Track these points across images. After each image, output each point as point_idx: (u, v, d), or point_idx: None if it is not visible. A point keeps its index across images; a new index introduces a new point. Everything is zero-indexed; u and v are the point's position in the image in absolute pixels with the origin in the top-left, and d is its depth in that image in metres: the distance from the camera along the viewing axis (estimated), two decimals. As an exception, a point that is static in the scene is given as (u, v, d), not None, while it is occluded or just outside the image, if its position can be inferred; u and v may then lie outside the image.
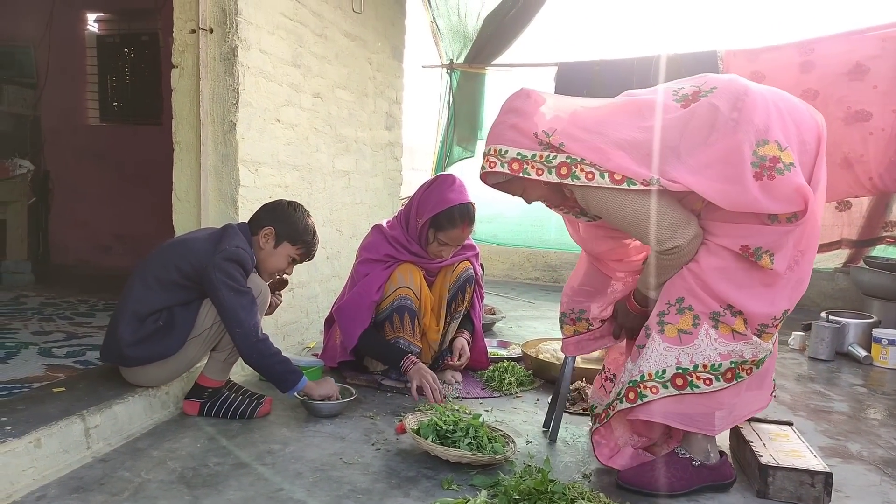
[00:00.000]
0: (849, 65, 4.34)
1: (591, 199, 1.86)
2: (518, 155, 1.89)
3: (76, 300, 3.88)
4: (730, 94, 1.79)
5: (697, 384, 1.83)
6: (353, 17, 3.71)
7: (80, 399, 2.11)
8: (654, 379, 1.85)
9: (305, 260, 2.46)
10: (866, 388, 3.03)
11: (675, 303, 1.86)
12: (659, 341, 1.86)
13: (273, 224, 2.34)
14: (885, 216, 4.59)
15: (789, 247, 1.80)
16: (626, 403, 1.89)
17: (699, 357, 1.83)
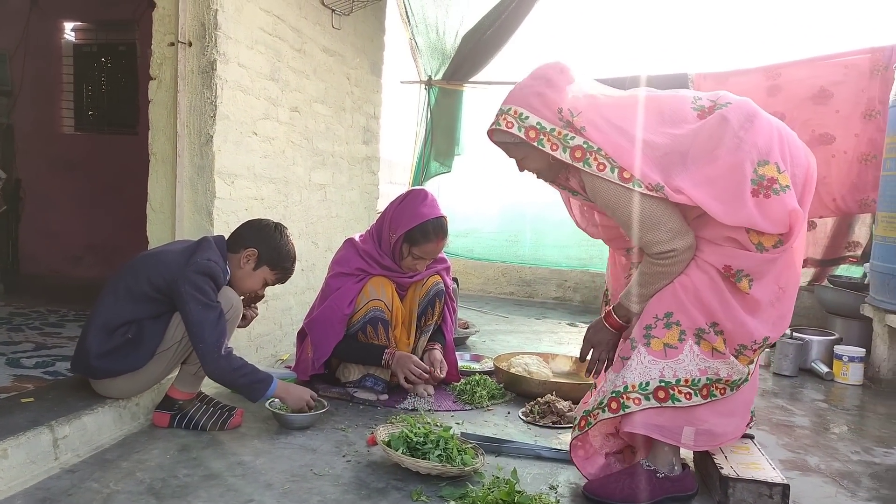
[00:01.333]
0: (813, 89, 4.49)
1: (597, 189, 1.90)
2: (538, 124, 1.92)
3: (46, 310, 3.83)
4: (741, 112, 1.88)
5: (679, 398, 1.88)
6: (332, 32, 3.76)
7: (48, 410, 2.10)
8: (637, 390, 1.90)
9: (278, 284, 2.48)
10: (827, 404, 3.12)
11: (664, 317, 1.91)
12: (644, 354, 1.91)
13: (257, 246, 2.34)
14: (848, 236, 4.73)
15: (770, 278, 1.88)
16: (609, 413, 1.94)
17: (682, 371, 1.89)
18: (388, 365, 2.68)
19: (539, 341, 4.14)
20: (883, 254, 3.45)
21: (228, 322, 2.26)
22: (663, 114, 1.92)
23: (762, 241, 1.83)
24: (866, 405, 3.14)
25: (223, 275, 2.27)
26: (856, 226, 4.69)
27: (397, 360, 2.68)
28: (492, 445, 2.27)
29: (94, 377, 2.22)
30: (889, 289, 3.37)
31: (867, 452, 2.47)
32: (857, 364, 3.45)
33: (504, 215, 6.01)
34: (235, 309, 2.32)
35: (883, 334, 3.42)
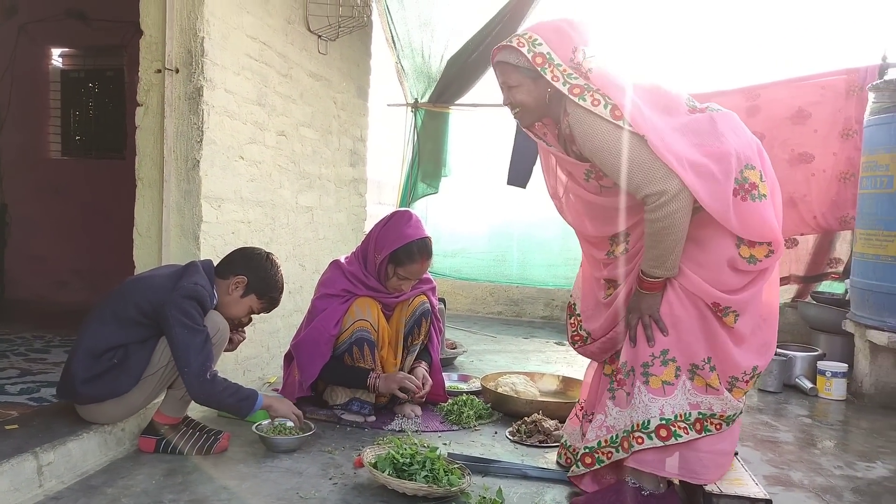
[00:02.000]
0: (791, 109, 4.59)
1: (587, 128, 1.88)
2: (547, 54, 1.94)
3: (31, 336, 3.81)
4: (729, 120, 1.95)
5: (679, 434, 1.90)
6: (319, 58, 3.81)
7: (33, 436, 2.09)
8: (640, 430, 1.92)
9: (263, 312, 2.49)
10: (811, 419, 3.15)
11: (660, 354, 1.92)
12: (644, 392, 1.93)
13: (247, 274, 2.36)
14: (829, 253, 4.81)
15: (753, 311, 1.94)
16: (622, 453, 1.97)
17: (677, 408, 1.91)
18: (374, 388, 2.69)
19: (527, 360, 4.16)
20: (862, 270, 3.51)
21: (215, 346, 2.27)
22: (660, 101, 1.95)
23: (754, 254, 1.89)
24: (849, 420, 3.17)
25: (210, 299, 2.28)
26: (837, 242, 4.77)
27: (383, 381, 2.70)
28: (478, 465, 2.28)
29: (80, 402, 2.22)
30: (869, 304, 3.42)
31: (850, 467, 2.50)
32: (839, 379, 3.50)
33: (491, 235, 6.05)
34: (222, 333, 2.33)
35: (864, 349, 3.47)
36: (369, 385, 2.70)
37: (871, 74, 4.30)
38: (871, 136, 3.51)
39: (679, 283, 1.93)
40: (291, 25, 3.46)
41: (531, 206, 5.60)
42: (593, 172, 2.01)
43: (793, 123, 4.59)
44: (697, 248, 1.92)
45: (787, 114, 4.59)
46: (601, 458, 2.03)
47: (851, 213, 4.29)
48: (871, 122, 3.53)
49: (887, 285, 3.29)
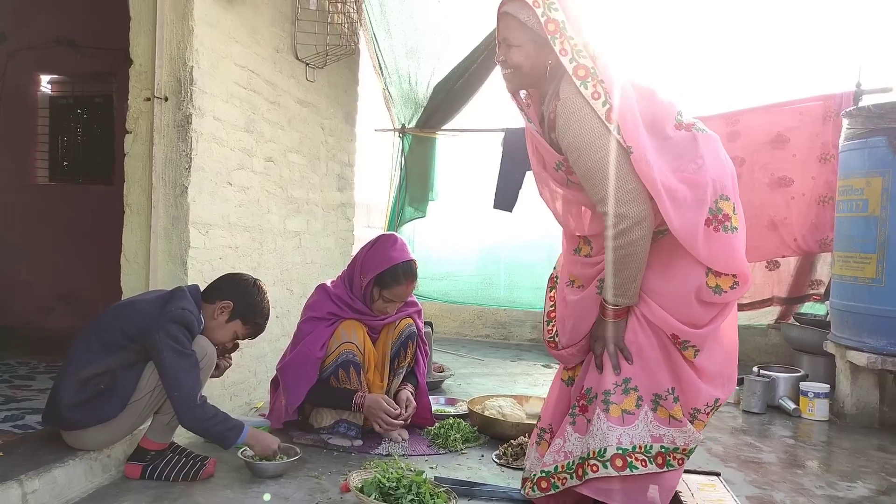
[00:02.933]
0: (771, 134, 4.70)
1: (575, 121, 1.80)
2: (562, 22, 1.82)
3: (16, 362, 3.78)
4: (713, 143, 1.93)
5: (636, 465, 1.87)
6: (307, 85, 3.87)
7: (18, 464, 2.07)
8: (596, 458, 1.90)
9: (248, 338, 2.51)
10: (794, 440, 3.18)
11: (622, 383, 1.91)
12: (604, 419, 1.91)
13: (232, 299, 2.38)
14: (811, 275, 4.89)
15: (713, 348, 1.94)
16: (576, 480, 1.95)
17: (637, 438, 1.89)
18: (360, 409, 2.71)
19: (514, 383, 4.18)
20: (841, 292, 3.58)
21: (202, 370, 2.28)
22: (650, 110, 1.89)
23: (720, 284, 1.89)
24: (832, 440, 3.21)
25: (197, 324, 2.30)
26: (818, 264, 4.86)
27: (368, 403, 2.71)
28: (464, 489, 2.30)
29: (66, 428, 2.21)
30: (848, 325, 3.49)
31: (831, 487, 2.53)
32: (822, 400, 3.54)
33: (478, 258, 6.10)
34: (209, 357, 2.34)
35: (845, 370, 3.52)
36: (355, 405, 2.71)
37: (847, 101, 4.43)
38: (847, 160, 3.60)
39: (641, 312, 1.93)
40: (280, 54, 3.52)
41: (518, 229, 5.67)
42: (563, 166, 1.94)
43: (772, 148, 4.70)
44: (660, 276, 1.91)
45: (766, 139, 4.71)
46: (556, 484, 2.01)
47: (831, 235, 4.37)
48: (846, 148, 3.62)
49: (865, 306, 3.36)
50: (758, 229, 4.70)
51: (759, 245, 4.74)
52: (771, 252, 4.75)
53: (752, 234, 4.88)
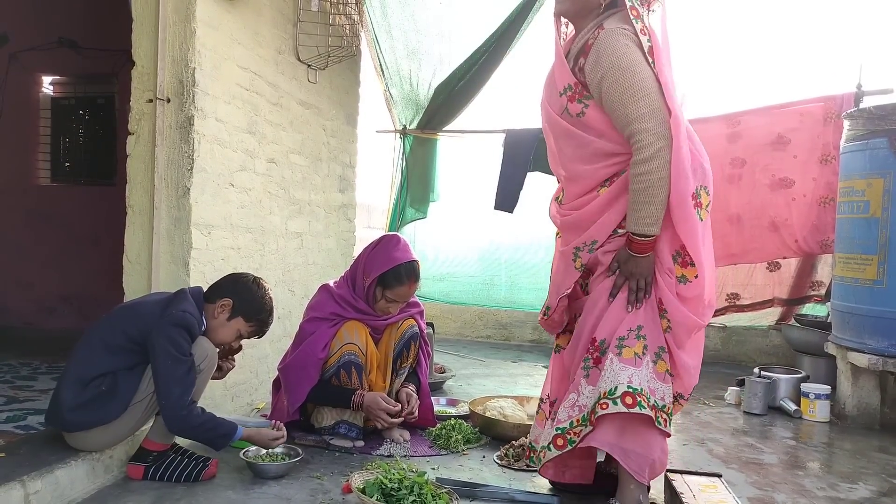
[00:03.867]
0: (771, 136, 4.71)
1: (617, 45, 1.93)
2: None
3: (18, 363, 3.79)
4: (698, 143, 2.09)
5: (644, 405, 1.93)
6: (309, 86, 3.88)
7: (20, 465, 2.08)
8: (607, 396, 1.97)
9: (254, 337, 2.51)
10: (795, 441, 3.18)
11: (636, 329, 2.01)
12: (616, 362, 1.98)
13: (232, 297, 2.38)
14: (811, 276, 4.89)
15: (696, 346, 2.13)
16: (589, 427, 2.02)
17: (644, 381, 1.97)
18: (359, 407, 2.71)
19: (515, 384, 4.18)
20: (841, 293, 3.58)
21: (203, 372, 2.29)
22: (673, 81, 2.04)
23: (685, 274, 2.03)
24: (833, 441, 3.21)
25: (198, 325, 2.30)
26: (819, 266, 4.86)
27: (367, 401, 2.71)
28: (466, 490, 2.30)
29: (68, 430, 2.22)
30: (849, 327, 3.49)
31: (832, 488, 2.54)
32: (823, 401, 3.54)
33: (480, 259, 6.10)
34: (210, 359, 2.34)
35: (846, 371, 3.52)
36: (354, 403, 2.71)
37: (847, 102, 4.43)
38: (848, 162, 3.61)
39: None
40: (282, 55, 3.53)
41: (519, 230, 5.68)
42: (571, 90, 2.05)
43: (773, 149, 4.71)
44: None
45: (767, 140, 4.71)
46: (572, 439, 2.06)
47: (832, 236, 4.37)
48: (847, 149, 3.63)
49: (866, 308, 3.36)
50: (759, 230, 4.71)
51: (760, 246, 4.74)
52: (772, 253, 4.76)
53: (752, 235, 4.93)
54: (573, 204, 2.16)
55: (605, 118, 2.01)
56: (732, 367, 4.87)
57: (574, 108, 2.05)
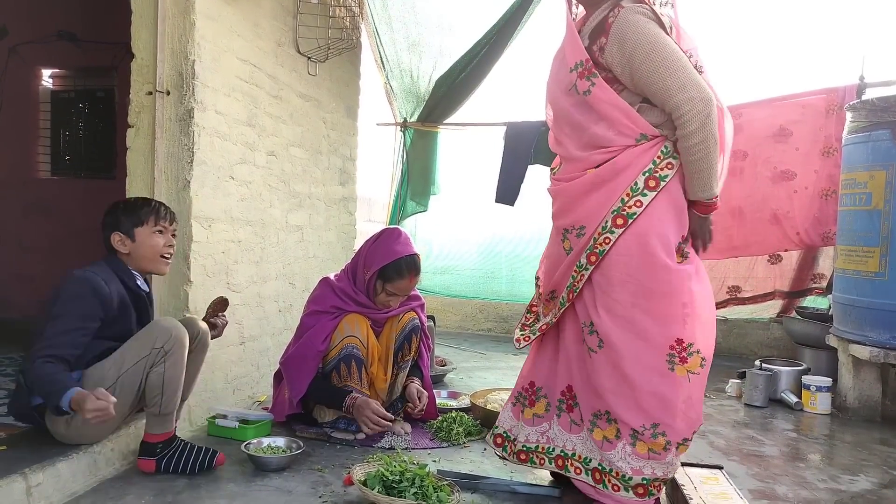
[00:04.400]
0: (773, 128, 4.69)
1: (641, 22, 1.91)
2: None
3: (19, 356, 3.79)
4: None
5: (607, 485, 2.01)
6: (308, 79, 3.86)
7: (22, 458, 2.08)
8: (581, 462, 2.07)
9: (167, 223, 2.39)
10: (797, 433, 3.19)
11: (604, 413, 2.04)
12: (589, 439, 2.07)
13: (116, 227, 2.33)
14: (813, 268, 4.88)
15: None
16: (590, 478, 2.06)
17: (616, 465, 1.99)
18: (349, 410, 2.69)
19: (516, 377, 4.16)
20: (843, 285, 3.57)
21: (171, 353, 2.16)
22: None
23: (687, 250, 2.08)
24: (834, 434, 3.21)
25: (101, 279, 2.23)
26: (820, 258, 4.85)
27: (357, 407, 2.67)
28: (468, 482, 2.30)
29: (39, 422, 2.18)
30: (850, 319, 3.48)
31: (834, 480, 2.54)
32: (824, 393, 3.54)
33: (481, 252, 6.09)
34: (176, 338, 2.19)
35: (847, 364, 3.52)
36: (346, 406, 2.69)
37: (850, 94, 4.42)
38: (850, 154, 3.59)
39: None
40: (281, 48, 3.51)
41: (520, 223, 5.67)
42: (582, 66, 2.00)
43: (775, 141, 4.70)
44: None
45: (768, 132, 4.70)
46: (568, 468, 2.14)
47: (833, 229, 4.36)
48: (849, 141, 3.61)
49: (868, 300, 3.35)
50: (760, 223, 4.70)
51: (761, 239, 4.74)
52: (773, 246, 4.75)
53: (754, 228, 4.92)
54: (564, 177, 2.15)
55: (610, 99, 1.97)
56: (733, 360, 4.86)
57: (582, 85, 2.00)
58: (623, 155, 1.97)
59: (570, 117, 2.07)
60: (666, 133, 1.97)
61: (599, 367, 2.00)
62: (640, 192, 1.95)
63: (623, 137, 1.98)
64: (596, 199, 2.01)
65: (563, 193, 2.12)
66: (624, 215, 1.95)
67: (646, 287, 1.94)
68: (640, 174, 1.94)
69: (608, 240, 1.97)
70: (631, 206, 1.94)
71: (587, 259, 2.02)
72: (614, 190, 1.98)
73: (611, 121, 1.98)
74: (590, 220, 2.02)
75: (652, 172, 1.95)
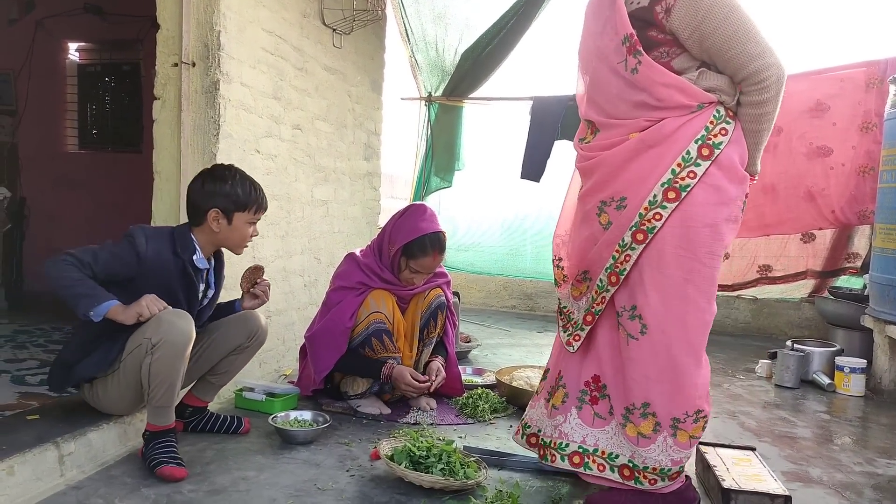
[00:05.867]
0: (810, 102, 4.55)
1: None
2: None
3: (50, 327, 3.85)
4: None
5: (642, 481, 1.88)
6: (334, 51, 3.81)
7: (53, 426, 2.11)
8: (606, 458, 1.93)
9: (261, 214, 2.33)
10: (829, 415, 3.12)
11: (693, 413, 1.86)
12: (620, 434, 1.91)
13: (215, 204, 2.20)
14: (847, 248, 4.76)
15: None
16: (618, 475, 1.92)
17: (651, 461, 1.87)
18: (388, 378, 2.70)
19: (541, 354, 4.15)
20: (882, 265, 3.47)
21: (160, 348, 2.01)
22: None
23: None
24: (868, 416, 3.14)
25: (144, 236, 2.18)
26: (855, 237, 4.72)
27: (395, 374, 2.70)
28: (494, 459, 2.28)
29: (75, 382, 2.19)
30: (889, 300, 3.38)
31: (870, 463, 2.48)
32: (858, 375, 3.46)
33: (505, 229, 6.04)
34: (166, 337, 2.01)
35: (883, 345, 3.43)
36: (383, 375, 2.70)
37: (892, 67, 4.26)
38: (892, 129, 3.46)
39: None
40: (307, 19, 3.46)
41: (545, 199, 5.59)
42: (629, 42, 1.83)
43: (811, 117, 4.55)
44: None
45: (805, 107, 4.55)
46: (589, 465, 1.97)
47: (870, 207, 4.25)
48: (892, 115, 3.48)
49: (908, 280, 3.25)
50: (794, 200, 4.58)
51: (795, 216, 4.62)
52: (807, 224, 4.63)
53: (788, 206, 4.80)
54: (601, 145, 1.93)
55: (662, 79, 1.81)
56: (763, 340, 4.78)
57: (630, 63, 1.84)
58: (672, 119, 1.81)
59: (613, 85, 1.90)
60: (722, 98, 1.83)
61: (641, 354, 1.84)
62: (692, 161, 1.77)
63: (674, 110, 1.81)
64: (639, 166, 1.83)
65: (602, 164, 1.92)
66: (676, 188, 1.77)
67: (700, 262, 1.80)
68: (692, 142, 1.79)
69: (659, 216, 1.79)
70: (684, 177, 1.77)
71: (632, 237, 1.82)
72: (661, 158, 1.80)
73: (660, 97, 1.82)
74: (632, 191, 1.83)
75: (705, 140, 1.79)
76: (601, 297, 1.93)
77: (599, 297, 1.93)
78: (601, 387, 1.97)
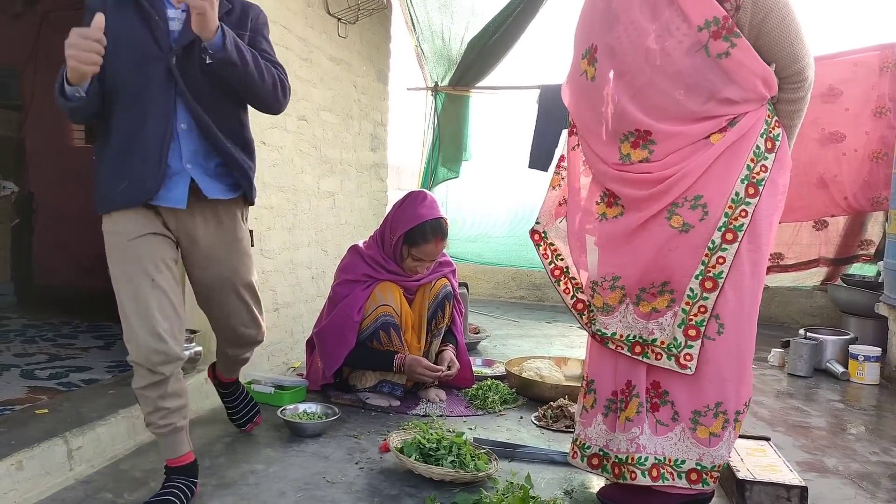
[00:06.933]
0: (821, 87, 4.46)
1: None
2: None
3: (59, 322, 3.86)
4: None
5: (709, 482, 1.83)
6: (339, 41, 3.78)
7: (62, 421, 2.11)
8: (673, 465, 1.84)
9: None
10: (843, 404, 3.08)
11: (714, 406, 1.81)
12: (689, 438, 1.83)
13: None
14: (860, 235, 4.68)
15: None
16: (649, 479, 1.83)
17: (718, 458, 1.83)
18: (401, 369, 2.68)
19: (550, 345, 4.13)
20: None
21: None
22: None
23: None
24: (883, 405, 3.10)
25: None
26: (868, 224, 4.65)
27: (408, 364, 2.68)
28: (505, 451, 2.27)
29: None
30: (904, 287, 3.33)
31: (885, 453, 2.44)
32: (872, 363, 3.42)
33: (512, 219, 6.00)
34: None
35: (898, 333, 3.38)
36: (396, 367, 2.69)
37: (907, 50, 4.17)
38: (908, 113, 3.39)
39: None
40: (311, 8, 3.43)
41: (553, 189, 5.54)
42: (718, 25, 1.70)
43: (823, 102, 4.47)
44: None
45: (816, 92, 4.38)
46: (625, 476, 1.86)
47: (884, 193, 4.18)
48: (907, 99, 3.41)
49: (923, 267, 3.20)
50: (806, 187, 4.51)
51: (806, 204, 4.55)
52: (819, 211, 4.56)
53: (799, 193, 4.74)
54: (669, 161, 1.77)
55: (752, 65, 1.74)
56: (775, 329, 4.74)
57: (717, 47, 1.71)
58: (751, 113, 1.77)
59: (681, 81, 1.75)
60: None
61: (717, 355, 1.77)
62: (762, 155, 1.75)
63: (751, 103, 1.77)
64: (720, 167, 1.76)
65: (686, 176, 1.76)
66: (754, 183, 1.74)
67: (763, 255, 1.79)
68: (759, 136, 1.77)
69: (745, 213, 1.73)
70: (758, 171, 1.75)
71: (722, 238, 1.73)
72: (736, 153, 1.75)
73: (743, 82, 1.74)
74: (710, 189, 1.75)
75: (767, 133, 1.78)
76: (698, 308, 1.77)
77: (696, 307, 1.77)
78: (661, 393, 1.86)
